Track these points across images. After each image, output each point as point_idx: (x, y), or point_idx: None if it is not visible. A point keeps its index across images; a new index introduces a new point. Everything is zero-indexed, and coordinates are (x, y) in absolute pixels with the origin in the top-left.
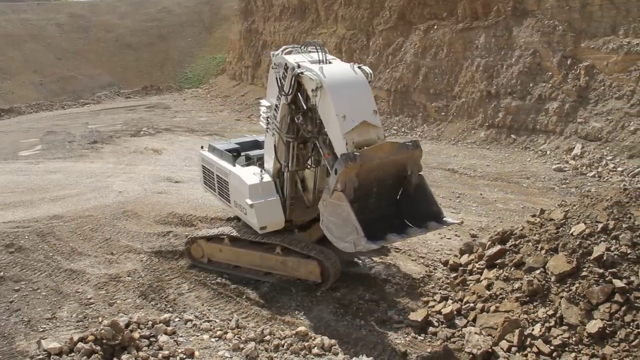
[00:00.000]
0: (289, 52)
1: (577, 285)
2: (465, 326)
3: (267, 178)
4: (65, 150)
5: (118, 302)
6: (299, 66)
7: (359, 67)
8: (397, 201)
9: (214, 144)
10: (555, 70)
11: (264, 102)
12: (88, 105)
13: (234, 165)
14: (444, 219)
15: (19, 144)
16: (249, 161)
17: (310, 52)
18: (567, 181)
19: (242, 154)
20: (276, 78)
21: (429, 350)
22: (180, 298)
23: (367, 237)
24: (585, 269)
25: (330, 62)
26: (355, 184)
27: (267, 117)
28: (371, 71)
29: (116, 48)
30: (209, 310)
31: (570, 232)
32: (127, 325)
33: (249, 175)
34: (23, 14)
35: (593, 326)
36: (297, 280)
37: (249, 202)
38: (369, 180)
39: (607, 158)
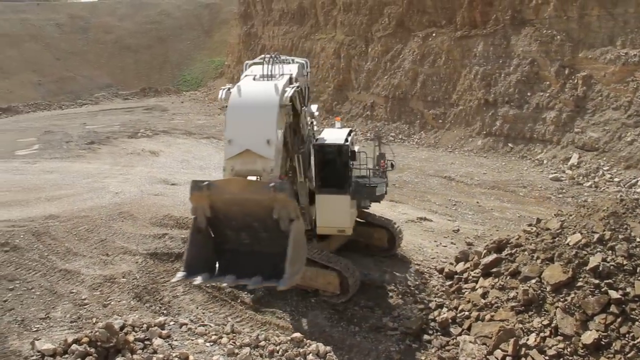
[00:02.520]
0: (256, 63)
1: (573, 295)
2: (460, 334)
3: None
4: (62, 150)
5: (112, 303)
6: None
7: (292, 60)
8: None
9: None
10: (553, 79)
11: None
12: (86, 105)
13: None
14: (279, 280)
15: (16, 143)
16: None
17: (284, 62)
18: (564, 191)
19: None
20: None
21: (422, 358)
22: (175, 301)
23: (191, 270)
24: (581, 280)
25: (269, 79)
26: (207, 213)
27: None
28: (305, 60)
29: (115, 49)
30: (203, 313)
31: (567, 242)
32: (121, 328)
33: None
34: (22, 14)
35: (588, 337)
36: (317, 292)
37: None
38: (228, 213)
39: (604, 168)
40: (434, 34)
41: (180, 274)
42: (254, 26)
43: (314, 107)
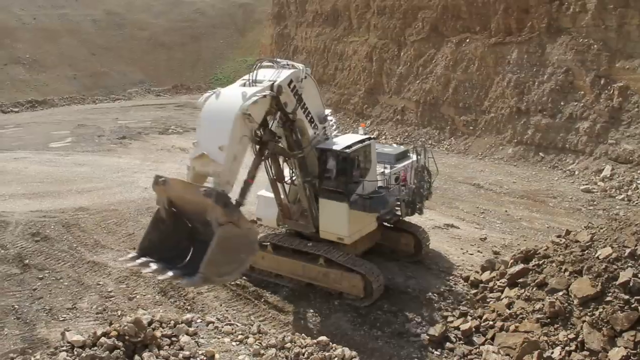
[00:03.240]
0: (264, 67)
1: (601, 310)
2: (483, 344)
3: None
4: (94, 144)
5: (138, 297)
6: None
7: (288, 64)
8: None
9: None
10: (587, 89)
11: None
12: (119, 101)
13: None
14: (188, 279)
15: (50, 136)
16: None
17: (284, 66)
18: (595, 203)
19: None
20: None
21: None
22: (199, 297)
23: (142, 253)
24: (610, 294)
25: (253, 84)
26: (166, 206)
27: None
28: (302, 66)
29: (149, 46)
30: (227, 311)
31: (596, 255)
32: (149, 323)
33: None
34: (61, 9)
35: (616, 354)
36: (341, 294)
37: None
38: (182, 208)
39: (638, 181)
40: (467, 40)
41: (131, 254)
42: (287, 27)
43: (327, 112)
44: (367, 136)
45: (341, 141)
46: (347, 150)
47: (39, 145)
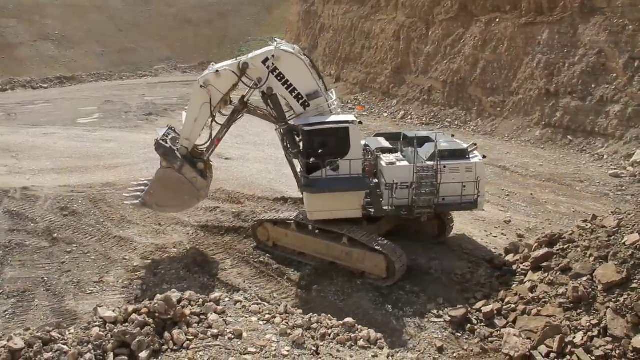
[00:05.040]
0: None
1: (626, 296)
2: (504, 327)
3: None
4: (121, 120)
5: (162, 272)
6: None
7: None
8: None
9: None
10: (620, 71)
11: None
12: (145, 77)
13: None
14: (135, 201)
15: (78, 112)
16: None
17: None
18: (623, 188)
19: None
20: None
21: (465, 347)
22: (223, 273)
23: None
24: (635, 281)
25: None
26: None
27: None
28: (275, 45)
29: (176, 23)
30: (250, 288)
31: (623, 241)
32: (179, 301)
33: None
34: None
35: (639, 341)
36: (363, 274)
37: None
38: None
39: None
40: (497, 20)
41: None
42: (314, 4)
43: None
44: (350, 119)
45: (319, 119)
46: (306, 128)
47: (67, 121)
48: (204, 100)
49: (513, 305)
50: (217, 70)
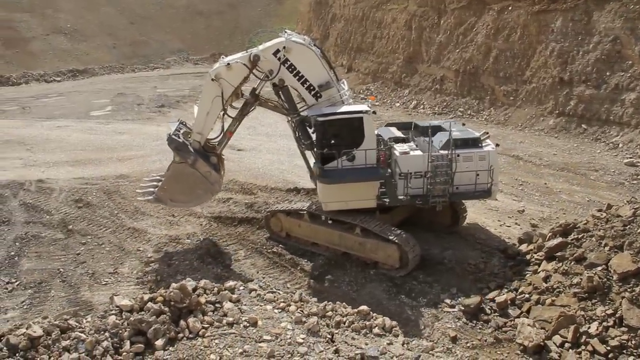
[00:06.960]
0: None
1: None
2: (518, 317)
3: None
4: (133, 113)
5: (176, 263)
6: None
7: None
8: None
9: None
10: (636, 59)
11: None
12: (157, 69)
13: None
14: (149, 197)
15: (91, 104)
16: None
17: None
18: (639, 177)
19: None
20: None
21: (479, 337)
22: (237, 264)
23: None
24: None
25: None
26: None
27: None
28: (286, 37)
29: (187, 14)
30: (263, 278)
31: (638, 230)
32: (194, 290)
33: None
34: None
35: None
36: (376, 264)
37: None
38: None
39: None
40: (510, 8)
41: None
42: None
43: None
44: (364, 108)
45: (332, 110)
46: (320, 119)
47: (80, 113)
48: (215, 94)
49: (527, 295)
50: (228, 63)
